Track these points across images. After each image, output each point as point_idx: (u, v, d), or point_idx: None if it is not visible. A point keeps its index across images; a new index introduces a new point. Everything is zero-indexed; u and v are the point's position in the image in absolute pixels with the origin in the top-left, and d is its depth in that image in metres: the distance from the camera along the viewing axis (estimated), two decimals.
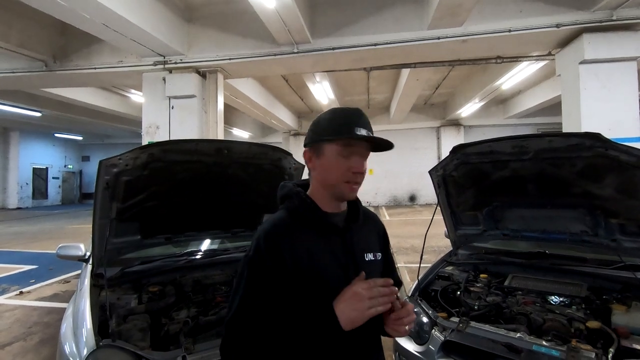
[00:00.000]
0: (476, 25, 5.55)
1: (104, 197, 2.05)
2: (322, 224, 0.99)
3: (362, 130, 0.95)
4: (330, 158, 0.97)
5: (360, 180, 0.98)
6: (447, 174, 2.58)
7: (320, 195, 1.02)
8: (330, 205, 1.02)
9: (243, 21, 6.21)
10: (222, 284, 2.51)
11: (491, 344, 1.78)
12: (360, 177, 0.98)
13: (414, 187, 17.22)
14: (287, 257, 0.91)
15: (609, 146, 1.89)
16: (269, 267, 0.91)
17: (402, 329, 0.94)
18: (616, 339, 1.69)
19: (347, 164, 0.95)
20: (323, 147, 0.98)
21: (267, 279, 0.90)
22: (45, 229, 11.06)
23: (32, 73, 6.89)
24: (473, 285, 2.46)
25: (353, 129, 0.94)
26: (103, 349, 1.62)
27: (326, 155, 0.97)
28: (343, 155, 0.96)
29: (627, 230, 2.23)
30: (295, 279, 0.91)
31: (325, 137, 0.97)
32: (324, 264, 0.95)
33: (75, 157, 22.59)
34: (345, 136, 0.95)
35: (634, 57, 5.25)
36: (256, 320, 0.88)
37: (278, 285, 0.90)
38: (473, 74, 10.97)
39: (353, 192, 1.00)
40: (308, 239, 0.97)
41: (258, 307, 0.89)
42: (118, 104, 11.93)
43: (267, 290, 0.90)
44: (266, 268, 0.91)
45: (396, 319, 0.92)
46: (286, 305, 0.91)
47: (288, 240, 0.93)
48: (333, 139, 0.95)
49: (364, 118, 0.98)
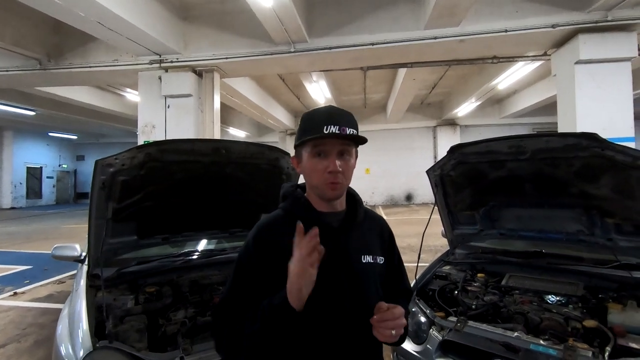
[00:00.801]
0: (473, 25, 5.57)
1: (100, 197, 2.03)
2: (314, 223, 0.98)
3: (332, 127, 0.92)
4: (306, 161, 0.98)
5: (339, 179, 0.95)
6: (444, 173, 2.58)
7: (313, 196, 1.02)
8: (324, 205, 1.01)
9: (240, 20, 6.19)
10: (220, 285, 2.49)
11: (489, 344, 1.79)
12: (337, 176, 0.94)
13: (411, 187, 17.27)
14: (273, 253, 0.94)
15: (605, 146, 1.91)
16: (254, 261, 0.96)
17: (388, 332, 0.89)
18: (612, 338, 1.70)
19: (323, 164, 0.95)
20: (301, 151, 1.00)
21: (252, 272, 0.96)
22: (39, 229, 10.96)
23: (26, 72, 6.81)
24: (470, 284, 2.47)
25: (322, 127, 0.93)
26: (100, 350, 1.61)
27: (304, 159, 0.99)
28: (316, 156, 0.96)
29: (623, 229, 2.25)
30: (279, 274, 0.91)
31: (298, 142, 0.99)
32: None
33: (70, 156, 22.41)
34: (309, 137, 0.94)
35: (628, 58, 5.30)
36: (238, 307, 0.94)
37: (262, 278, 0.94)
38: (469, 73, 11.02)
39: (334, 192, 0.97)
40: None
41: (241, 296, 0.95)
42: (113, 103, 11.85)
43: (250, 281, 0.96)
44: (252, 262, 0.96)
45: (380, 321, 0.89)
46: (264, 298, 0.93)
47: (277, 237, 0.95)
48: (304, 142, 0.96)
49: (335, 115, 0.96)
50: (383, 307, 0.90)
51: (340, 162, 0.94)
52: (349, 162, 0.97)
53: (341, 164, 0.94)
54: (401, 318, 0.91)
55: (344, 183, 0.97)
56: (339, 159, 0.94)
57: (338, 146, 0.95)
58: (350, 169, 0.98)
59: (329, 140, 0.94)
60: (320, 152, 0.95)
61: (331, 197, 0.98)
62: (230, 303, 0.96)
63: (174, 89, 6.38)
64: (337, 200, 1.01)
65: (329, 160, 0.94)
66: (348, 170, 0.97)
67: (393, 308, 0.91)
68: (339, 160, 0.94)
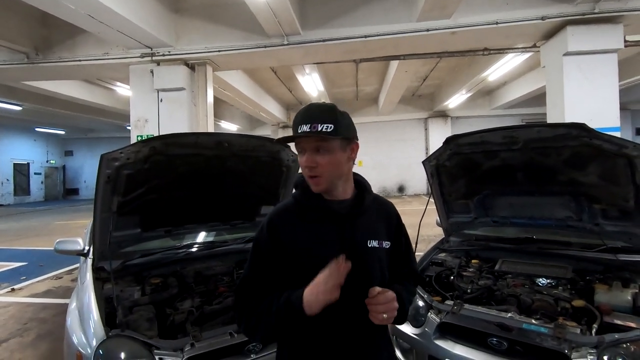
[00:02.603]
0: (464, 17, 5.63)
1: (105, 191, 2.05)
2: (321, 210, 1.06)
3: (304, 126, 0.98)
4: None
5: (315, 173, 1.01)
6: (440, 164, 2.66)
7: None
8: (330, 194, 1.08)
9: (232, 12, 6.14)
10: (223, 275, 2.55)
11: (484, 324, 1.89)
12: (313, 170, 1.01)
13: (403, 178, 17.45)
14: (284, 238, 1.04)
15: (593, 135, 1.99)
16: (267, 246, 1.05)
17: (380, 316, 0.95)
18: (599, 316, 1.82)
19: (302, 160, 1.03)
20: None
21: (266, 254, 1.05)
22: (30, 226, 10.82)
23: (13, 66, 6.67)
24: (465, 270, 2.57)
25: (297, 127, 0.99)
26: (113, 338, 1.66)
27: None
28: (299, 152, 1.05)
29: (608, 214, 2.36)
30: (290, 258, 1.03)
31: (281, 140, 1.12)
32: (318, 248, 1.02)
33: (58, 152, 21.97)
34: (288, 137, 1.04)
35: (614, 49, 5.43)
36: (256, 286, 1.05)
37: (274, 261, 1.04)
38: (460, 65, 11.11)
39: (316, 186, 1.03)
40: (308, 223, 1.06)
41: (258, 275, 1.06)
42: (103, 97, 11.64)
43: (266, 262, 1.05)
44: (265, 246, 1.06)
45: (373, 305, 0.96)
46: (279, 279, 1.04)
47: (288, 223, 1.04)
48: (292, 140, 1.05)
49: (307, 114, 1.00)
50: (374, 292, 0.97)
51: (316, 158, 1.00)
52: (326, 157, 1.00)
53: (318, 158, 1.00)
54: (392, 302, 0.97)
55: (324, 176, 1.01)
56: (315, 155, 1.00)
57: (312, 142, 1.00)
58: (328, 163, 1.00)
59: (304, 138, 1.01)
60: (300, 150, 1.04)
61: (315, 190, 1.05)
62: (249, 282, 1.07)
63: (166, 83, 6.33)
64: (326, 192, 1.07)
65: (305, 157, 1.02)
66: (325, 165, 1.00)
67: (384, 292, 0.96)
68: (315, 155, 1.00)
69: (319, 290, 0.92)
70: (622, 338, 1.59)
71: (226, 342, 1.75)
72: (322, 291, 0.91)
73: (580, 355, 1.57)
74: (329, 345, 1.02)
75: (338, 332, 1.02)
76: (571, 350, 1.60)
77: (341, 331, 1.02)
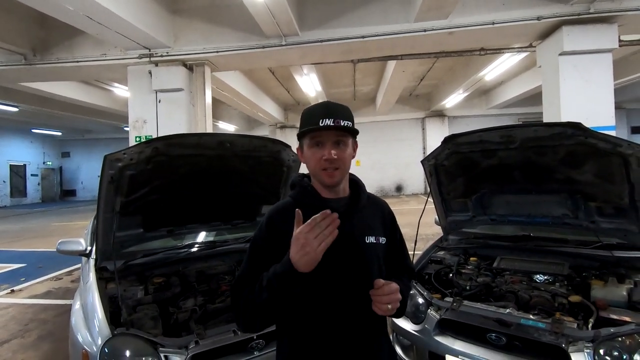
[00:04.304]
0: (461, 17, 5.68)
1: (108, 191, 2.07)
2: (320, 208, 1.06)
3: (327, 120, 1.02)
4: (306, 151, 1.09)
5: (335, 165, 1.04)
6: (438, 163, 2.69)
7: (317, 184, 1.12)
8: (328, 192, 1.11)
9: (230, 13, 6.16)
10: (225, 274, 2.58)
11: (483, 320, 1.93)
12: (333, 162, 1.04)
13: (400, 178, 17.50)
14: (283, 235, 1.02)
15: (589, 134, 2.03)
16: (267, 243, 1.07)
17: (384, 306, 0.98)
18: (595, 311, 1.86)
19: (320, 153, 1.05)
20: (302, 142, 1.12)
21: (264, 252, 1.06)
22: (28, 228, 10.78)
23: (10, 67, 6.65)
24: (464, 267, 2.61)
25: (318, 121, 1.03)
26: (118, 336, 1.68)
27: (304, 149, 1.11)
28: (314, 146, 1.06)
29: (604, 212, 2.40)
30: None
31: (299, 133, 1.10)
32: None
33: (55, 153, 21.87)
34: (306, 129, 1.06)
35: (609, 49, 5.49)
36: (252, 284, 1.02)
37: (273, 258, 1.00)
38: (457, 65, 11.17)
39: (331, 178, 1.06)
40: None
41: (255, 273, 1.03)
42: (100, 98, 11.58)
43: (263, 260, 1.04)
44: (265, 243, 1.07)
45: (378, 295, 0.99)
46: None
47: (287, 221, 1.03)
48: (305, 134, 1.08)
49: (329, 109, 1.06)
50: (379, 283, 1.00)
51: (336, 151, 1.04)
52: (345, 151, 1.06)
53: (337, 152, 1.04)
54: (396, 293, 1.00)
55: (342, 169, 1.06)
56: (335, 148, 1.04)
57: (333, 137, 1.05)
58: (347, 156, 1.07)
59: (325, 131, 1.05)
60: (318, 143, 1.05)
61: (329, 184, 1.08)
62: (245, 280, 1.06)
63: (164, 84, 6.33)
64: (337, 186, 1.10)
65: (326, 149, 1.04)
66: (344, 158, 1.06)
67: (389, 284, 1.00)
68: (334, 149, 1.04)
69: (300, 243, 0.89)
70: (618, 332, 1.62)
71: (230, 339, 1.78)
72: (303, 243, 0.89)
73: (577, 349, 1.61)
74: (329, 338, 1.04)
75: (338, 325, 1.04)
76: (568, 344, 1.63)
77: (341, 324, 1.04)
